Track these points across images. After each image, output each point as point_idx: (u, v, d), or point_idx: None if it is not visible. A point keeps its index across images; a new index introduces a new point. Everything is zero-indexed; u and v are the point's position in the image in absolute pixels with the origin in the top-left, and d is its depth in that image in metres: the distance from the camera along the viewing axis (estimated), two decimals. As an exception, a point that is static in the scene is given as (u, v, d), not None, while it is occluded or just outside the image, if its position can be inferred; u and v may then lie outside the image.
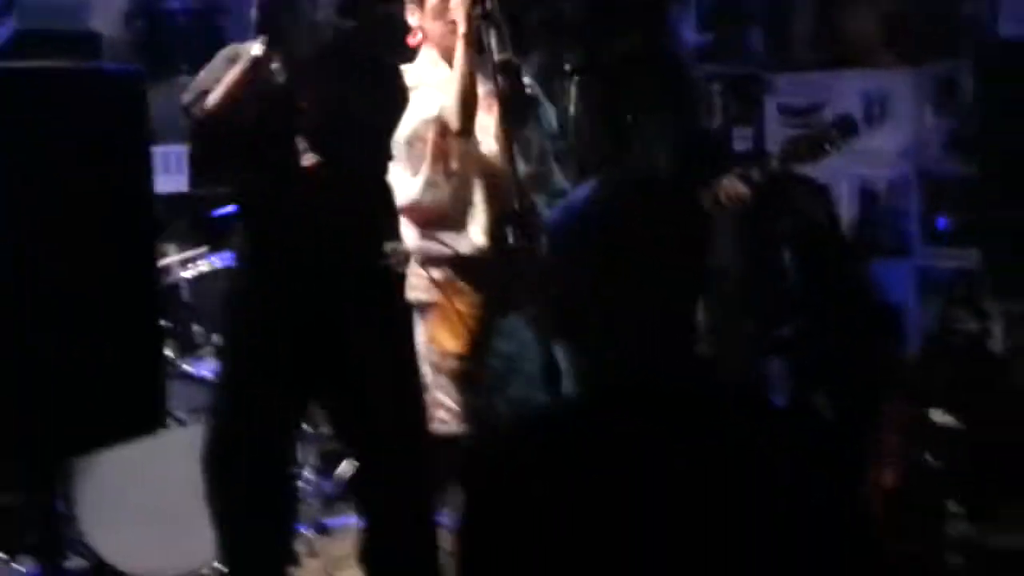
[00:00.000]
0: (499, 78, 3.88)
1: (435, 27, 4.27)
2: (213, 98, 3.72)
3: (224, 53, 3.94)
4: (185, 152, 6.12)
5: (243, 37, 3.93)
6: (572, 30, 4.59)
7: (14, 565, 4.77)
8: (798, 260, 5.16)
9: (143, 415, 2.99)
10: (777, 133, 5.62)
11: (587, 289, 1.89)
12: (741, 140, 5.75)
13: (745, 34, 5.82)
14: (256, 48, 3.72)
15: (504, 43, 3.88)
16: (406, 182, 4.20)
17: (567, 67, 4.34)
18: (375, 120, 3.87)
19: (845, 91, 5.68)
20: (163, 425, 3.01)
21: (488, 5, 3.94)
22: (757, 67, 5.84)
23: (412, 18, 4.33)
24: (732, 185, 4.34)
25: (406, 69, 4.25)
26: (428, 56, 4.31)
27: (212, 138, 3.83)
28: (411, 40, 4.34)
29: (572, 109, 4.40)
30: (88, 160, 3.02)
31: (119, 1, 6.67)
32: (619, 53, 4.54)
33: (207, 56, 3.94)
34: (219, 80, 3.78)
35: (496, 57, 3.87)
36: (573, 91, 4.37)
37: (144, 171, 3.22)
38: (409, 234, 4.30)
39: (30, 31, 6.18)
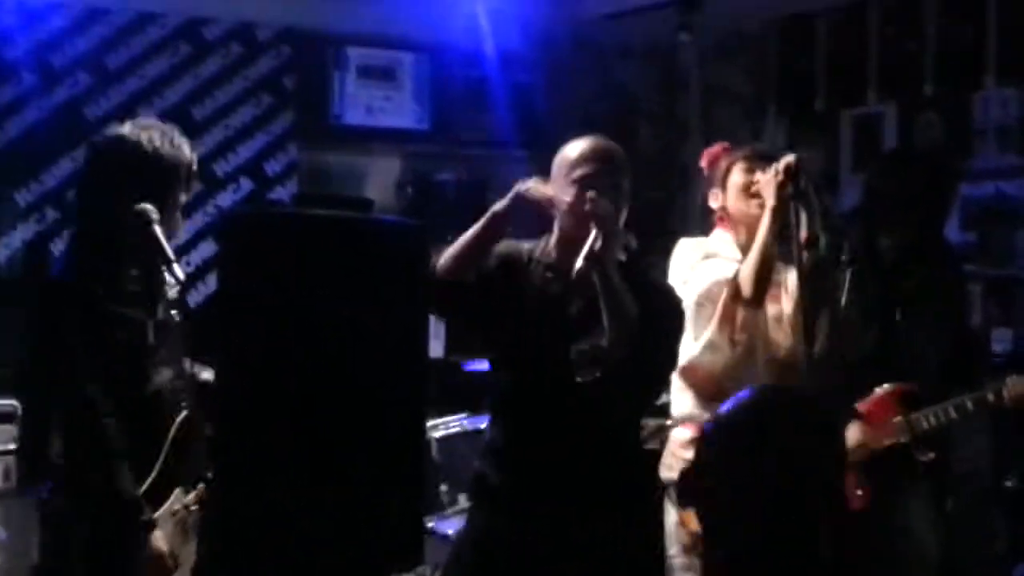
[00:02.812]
0: (804, 255, 3.83)
1: (739, 207, 4.29)
2: (450, 251, 3.74)
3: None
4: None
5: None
6: (849, 219, 4.58)
7: None
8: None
9: (404, 550, 3.08)
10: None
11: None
12: (1000, 342, 5.67)
13: (1012, 236, 5.77)
14: (499, 203, 3.73)
15: (814, 222, 3.86)
16: (687, 344, 4.14)
17: (843, 257, 4.31)
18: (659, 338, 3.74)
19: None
20: (421, 562, 3.08)
21: (802, 184, 3.94)
22: (1019, 269, 5.77)
23: (714, 202, 4.36)
24: (1020, 385, 4.24)
25: (702, 242, 4.32)
26: (723, 237, 4.34)
27: (445, 293, 3.79)
28: (715, 221, 4.38)
29: (844, 300, 4.36)
30: (369, 309, 3.12)
31: (392, 170, 7.04)
32: (895, 245, 4.50)
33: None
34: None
35: (803, 234, 3.83)
36: (847, 282, 4.34)
37: (422, 325, 3.30)
38: (682, 400, 4.30)
39: (308, 195, 6.55)
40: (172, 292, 3.87)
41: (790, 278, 4.20)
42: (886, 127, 6.80)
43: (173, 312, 3.85)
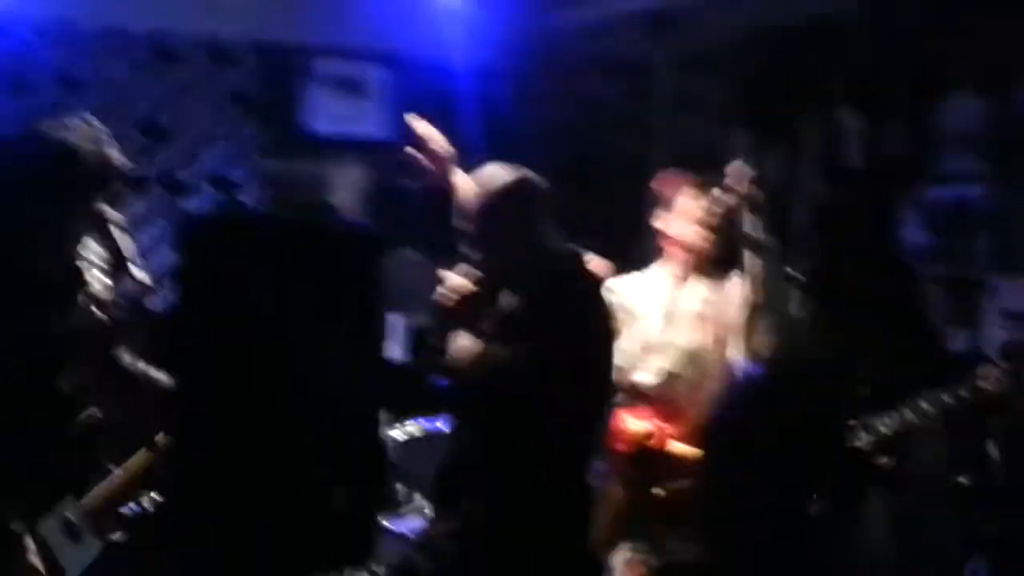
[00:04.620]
0: (751, 257, 3.98)
1: (680, 231, 4.48)
2: None
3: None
4: (401, 321, 6.39)
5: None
6: (796, 235, 4.66)
7: None
8: (1007, 457, 5.01)
9: (357, 546, 3.10)
10: (995, 336, 5.58)
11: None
12: (956, 341, 5.70)
13: (972, 239, 5.80)
14: None
15: (760, 227, 4.02)
16: None
17: (788, 272, 4.37)
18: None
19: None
20: (373, 559, 3.11)
21: (750, 191, 4.13)
22: (980, 271, 5.81)
23: (658, 223, 4.53)
24: (990, 374, 4.27)
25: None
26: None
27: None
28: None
29: (793, 315, 4.42)
30: (323, 309, 3.14)
31: (356, 178, 7.05)
32: (844, 257, 4.55)
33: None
34: None
35: (751, 236, 4.00)
36: (795, 297, 4.39)
37: (377, 325, 3.32)
38: None
39: (271, 199, 6.56)
40: (101, 292, 3.79)
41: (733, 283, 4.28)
42: (851, 137, 6.82)
43: (95, 311, 3.76)
